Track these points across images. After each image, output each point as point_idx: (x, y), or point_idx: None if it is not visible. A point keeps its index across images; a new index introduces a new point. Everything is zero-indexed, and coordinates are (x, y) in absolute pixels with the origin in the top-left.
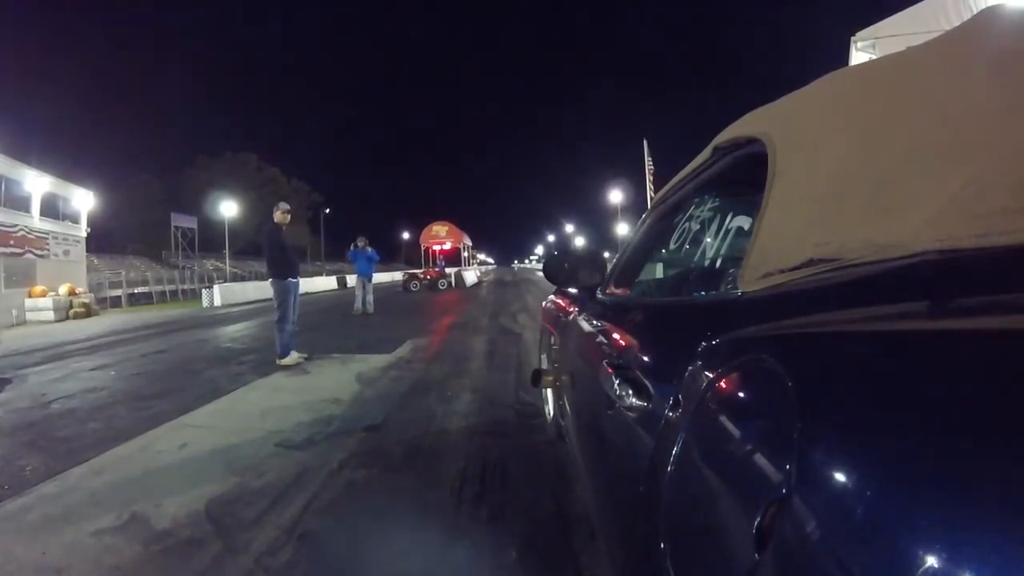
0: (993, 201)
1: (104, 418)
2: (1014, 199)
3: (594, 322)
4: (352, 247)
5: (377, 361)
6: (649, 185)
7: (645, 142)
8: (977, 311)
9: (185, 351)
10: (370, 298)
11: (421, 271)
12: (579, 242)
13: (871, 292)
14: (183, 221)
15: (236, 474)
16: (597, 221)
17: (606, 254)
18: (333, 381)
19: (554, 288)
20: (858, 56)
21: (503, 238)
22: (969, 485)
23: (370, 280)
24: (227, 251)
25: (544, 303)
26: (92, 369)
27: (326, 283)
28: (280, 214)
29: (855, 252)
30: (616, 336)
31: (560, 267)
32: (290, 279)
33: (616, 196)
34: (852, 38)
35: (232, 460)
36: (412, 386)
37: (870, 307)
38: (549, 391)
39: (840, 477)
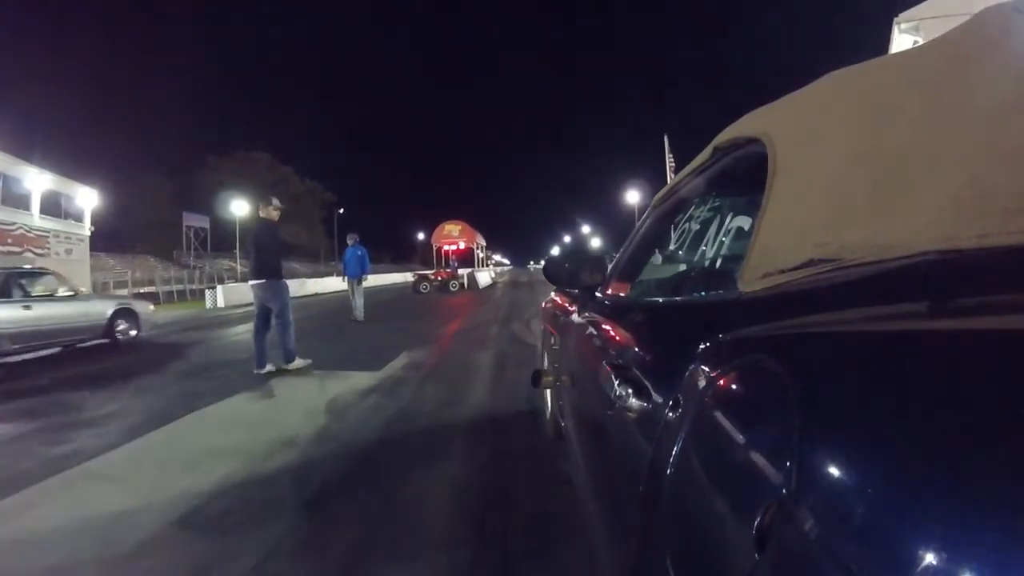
0: (993, 201)
1: (4, 458)
2: (1014, 199)
3: (594, 322)
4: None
5: (361, 380)
6: (671, 180)
7: (666, 138)
8: (977, 311)
9: (155, 362)
10: (359, 302)
11: (432, 272)
12: (595, 243)
13: (871, 292)
14: (195, 220)
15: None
16: (614, 221)
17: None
18: (300, 409)
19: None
20: (901, 38)
21: (519, 239)
22: (969, 485)
23: (360, 283)
24: (237, 251)
25: (544, 303)
26: (36, 387)
27: (337, 283)
28: (271, 209)
29: (855, 252)
30: (616, 336)
31: (560, 267)
32: (285, 280)
33: (633, 196)
34: (895, 20)
35: (112, 543)
36: (392, 420)
37: (870, 307)
38: (549, 391)
39: (840, 477)
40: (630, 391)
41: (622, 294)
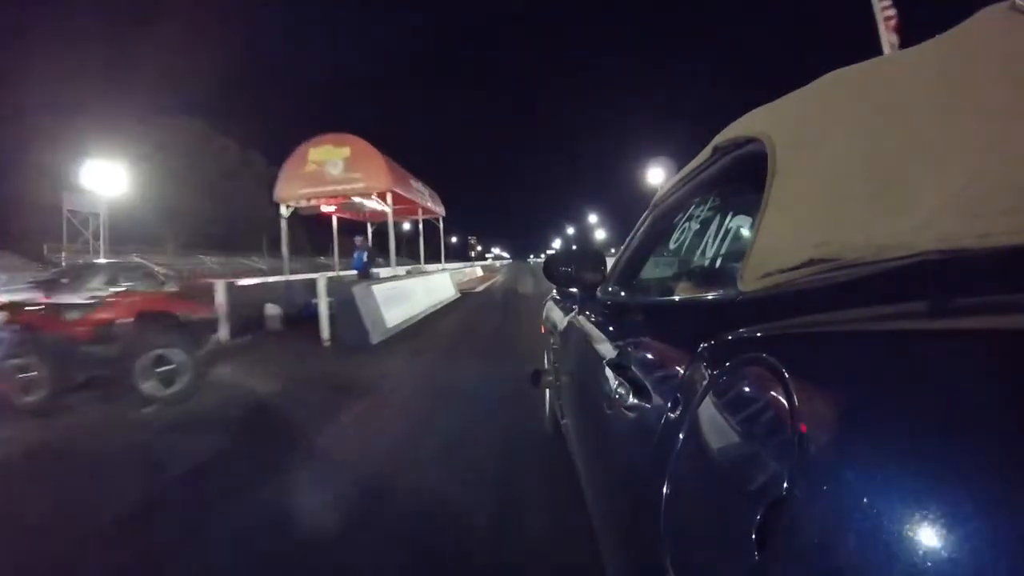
0: (993, 201)
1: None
2: (1014, 199)
3: (594, 322)
4: None
5: None
6: (890, 40)
7: None
8: (977, 311)
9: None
10: None
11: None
12: (600, 236)
13: (871, 292)
14: (81, 204)
15: None
16: (623, 212)
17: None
18: None
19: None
20: None
21: (520, 228)
22: (969, 485)
23: None
24: (101, 241)
25: (545, 304)
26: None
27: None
28: None
29: (855, 252)
30: (616, 336)
31: (560, 267)
32: None
33: (656, 176)
34: None
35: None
36: None
37: (870, 307)
38: (548, 391)
39: (840, 477)
40: (630, 391)
41: (622, 294)
